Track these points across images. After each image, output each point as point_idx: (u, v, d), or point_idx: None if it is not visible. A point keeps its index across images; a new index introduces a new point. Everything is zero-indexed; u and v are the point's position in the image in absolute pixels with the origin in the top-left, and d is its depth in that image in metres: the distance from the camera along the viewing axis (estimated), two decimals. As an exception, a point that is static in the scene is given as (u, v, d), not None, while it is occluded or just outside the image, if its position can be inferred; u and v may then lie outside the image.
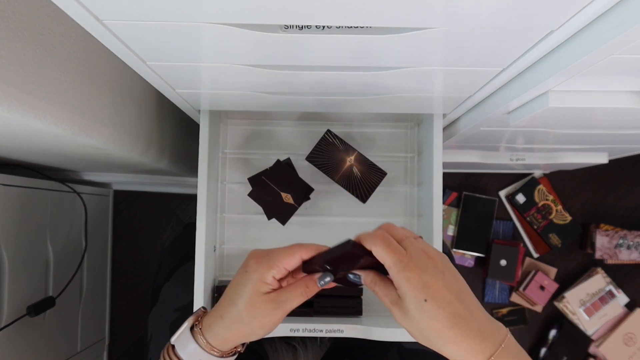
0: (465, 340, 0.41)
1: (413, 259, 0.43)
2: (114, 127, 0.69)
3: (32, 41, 0.50)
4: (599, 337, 1.44)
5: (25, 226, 0.87)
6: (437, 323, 0.42)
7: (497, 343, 0.42)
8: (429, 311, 0.42)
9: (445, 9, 0.35)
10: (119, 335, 1.39)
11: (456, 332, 0.41)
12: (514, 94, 0.56)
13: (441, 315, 0.42)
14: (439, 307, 0.42)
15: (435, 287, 0.43)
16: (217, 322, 0.49)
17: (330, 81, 0.53)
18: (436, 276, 0.43)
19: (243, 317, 0.47)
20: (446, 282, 0.43)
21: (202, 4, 0.35)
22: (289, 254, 0.47)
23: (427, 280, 0.43)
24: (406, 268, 0.43)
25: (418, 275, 0.43)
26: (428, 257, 0.44)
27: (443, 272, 0.44)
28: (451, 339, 0.42)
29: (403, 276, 0.43)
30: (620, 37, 0.37)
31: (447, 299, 0.42)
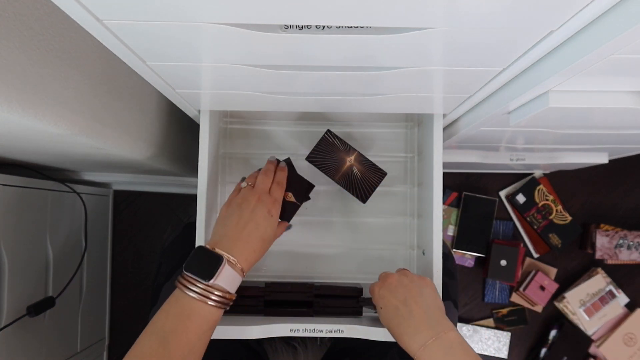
0: (404, 335, 0.57)
1: (382, 277, 0.64)
2: (113, 127, 0.69)
3: (32, 41, 0.50)
4: (599, 337, 1.44)
5: (25, 226, 0.87)
6: (387, 322, 0.60)
7: (430, 337, 0.55)
8: (382, 314, 0.60)
9: (446, 9, 0.35)
10: (119, 335, 1.39)
11: (400, 329, 0.58)
12: (514, 94, 0.56)
13: (388, 317, 0.59)
14: (387, 313, 0.60)
15: (385, 298, 0.60)
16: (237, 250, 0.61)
17: (330, 81, 0.53)
18: (389, 292, 0.60)
19: (259, 222, 0.63)
20: (396, 294, 0.60)
21: (202, 4, 0.35)
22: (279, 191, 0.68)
23: (383, 294, 0.61)
24: (376, 284, 0.64)
25: (378, 289, 0.62)
26: (390, 278, 0.62)
27: (395, 288, 0.61)
28: (395, 334, 0.59)
29: (370, 290, 0.65)
30: (620, 37, 0.37)
31: (394, 305, 0.59)
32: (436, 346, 0.54)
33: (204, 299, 0.54)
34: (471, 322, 1.48)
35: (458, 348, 0.54)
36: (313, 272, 0.80)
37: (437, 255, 0.68)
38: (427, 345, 0.54)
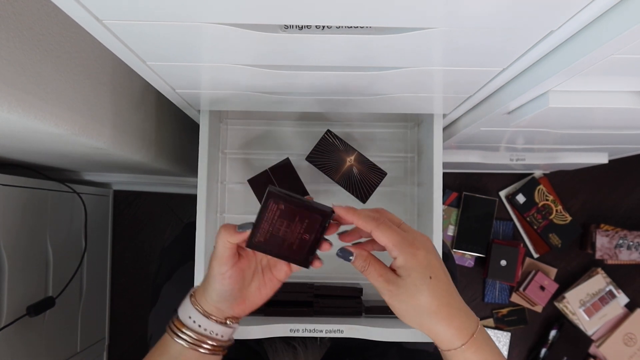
0: (455, 318, 0.45)
1: (416, 239, 0.46)
2: (113, 127, 0.69)
3: (32, 41, 0.50)
4: (599, 337, 1.44)
5: (25, 226, 0.87)
6: (436, 300, 0.44)
7: (476, 323, 0.46)
8: (432, 288, 0.44)
9: (446, 9, 0.35)
10: (119, 335, 1.39)
11: (449, 310, 0.45)
12: (514, 94, 0.56)
13: (441, 292, 0.44)
14: (440, 285, 0.45)
15: (436, 266, 0.46)
16: (202, 286, 0.51)
17: (330, 81, 0.53)
18: (436, 257, 0.46)
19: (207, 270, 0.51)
20: (441, 263, 0.47)
21: (202, 4, 0.35)
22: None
23: (431, 259, 0.45)
24: (413, 245, 0.45)
25: (424, 253, 0.45)
26: (426, 239, 0.47)
27: (437, 254, 0.47)
28: (444, 317, 0.44)
29: (410, 252, 0.45)
30: (620, 37, 0.37)
31: (445, 278, 0.46)
32: (484, 333, 0.45)
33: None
34: (471, 322, 1.48)
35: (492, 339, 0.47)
36: (313, 272, 0.80)
37: (437, 255, 0.68)
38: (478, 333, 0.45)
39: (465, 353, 0.44)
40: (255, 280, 0.52)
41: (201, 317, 0.50)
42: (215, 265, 0.49)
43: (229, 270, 0.49)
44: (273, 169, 0.74)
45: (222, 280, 0.49)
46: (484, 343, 0.45)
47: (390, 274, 0.46)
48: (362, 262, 0.48)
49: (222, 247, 0.48)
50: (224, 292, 0.49)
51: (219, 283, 0.49)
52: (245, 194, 0.79)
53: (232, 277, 0.49)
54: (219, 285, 0.49)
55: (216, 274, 0.49)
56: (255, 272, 0.52)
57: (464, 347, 0.44)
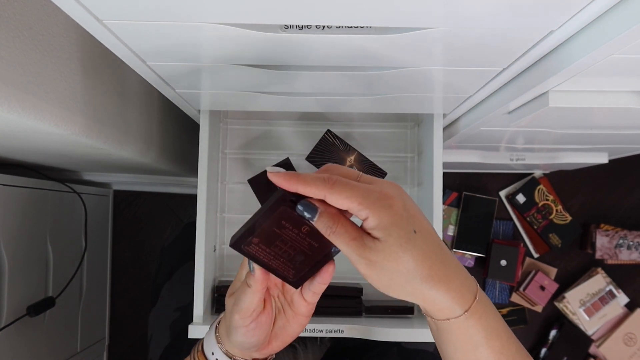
0: (455, 278, 0.35)
1: (385, 188, 0.35)
2: (113, 127, 0.69)
3: (32, 41, 0.50)
4: (599, 337, 1.44)
5: (25, 226, 0.87)
6: (427, 260, 0.35)
7: (474, 281, 0.38)
8: (420, 245, 0.34)
9: (446, 9, 0.35)
10: (119, 335, 1.39)
11: (445, 269, 0.35)
12: (514, 94, 0.56)
13: (431, 249, 0.35)
14: (429, 239, 0.35)
15: (418, 217, 0.36)
16: (224, 326, 0.48)
17: (330, 81, 0.53)
18: (414, 205, 0.36)
19: (226, 314, 0.47)
20: (422, 213, 0.37)
21: (202, 4, 0.35)
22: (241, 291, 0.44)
23: (410, 209, 0.35)
24: (384, 197, 0.35)
25: (401, 203, 0.35)
26: (395, 186, 0.36)
27: (414, 202, 0.37)
28: (440, 278, 0.35)
29: (383, 206, 0.34)
30: (620, 37, 0.37)
31: (432, 230, 0.36)
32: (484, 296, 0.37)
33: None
34: (471, 322, 1.47)
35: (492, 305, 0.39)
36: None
37: (437, 255, 0.68)
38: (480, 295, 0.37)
39: (469, 321, 0.36)
40: (279, 319, 0.47)
41: (224, 357, 0.47)
42: (238, 319, 0.43)
43: (253, 322, 0.44)
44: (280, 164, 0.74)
45: (245, 332, 0.44)
46: (488, 307, 0.37)
47: (366, 237, 0.35)
48: (328, 220, 0.36)
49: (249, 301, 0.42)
50: (248, 343, 0.45)
51: (243, 335, 0.44)
52: (245, 194, 0.79)
53: (257, 329, 0.44)
54: (241, 337, 0.44)
55: (239, 326, 0.44)
56: (278, 311, 0.47)
57: (467, 314, 0.36)
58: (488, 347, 0.37)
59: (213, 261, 0.74)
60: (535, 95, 0.56)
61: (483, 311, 0.37)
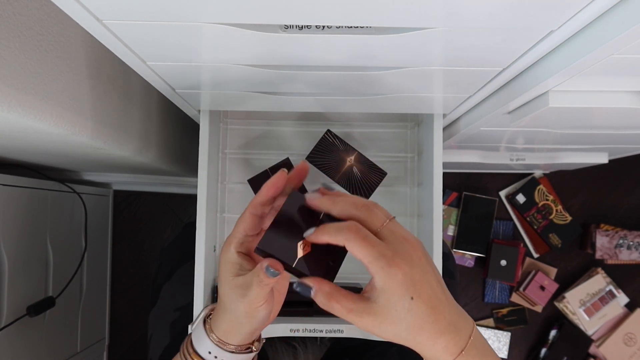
0: (443, 335, 0.39)
1: (397, 252, 0.39)
2: (113, 127, 0.69)
3: (32, 41, 0.50)
4: (599, 337, 1.44)
5: (25, 226, 0.87)
6: (419, 320, 0.38)
7: (467, 335, 0.40)
8: (415, 309, 0.38)
9: (445, 9, 0.35)
10: (119, 335, 1.39)
11: (436, 327, 0.39)
12: (514, 94, 0.56)
13: (425, 312, 0.38)
14: (425, 304, 0.38)
15: (421, 281, 0.39)
16: (218, 314, 0.47)
17: (330, 81, 0.53)
18: (421, 269, 0.39)
19: (227, 305, 0.45)
20: (429, 274, 0.40)
21: (202, 4, 0.35)
22: (240, 219, 0.44)
23: (414, 275, 0.38)
24: (391, 262, 0.38)
25: (405, 271, 0.38)
26: (411, 247, 0.40)
27: (425, 264, 0.40)
28: (430, 335, 0.39)
29: (387, 273, 0.38)
30: (620, 37, 0.37)
31: (431, 292, 0.39)
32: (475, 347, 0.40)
33: None
34: (471, 322, 1.48)
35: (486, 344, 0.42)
36: (313, 272, 0.80)
37: (437, 255, 0.68)
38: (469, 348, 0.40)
39: None
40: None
41: (230, 355, 0.47)
42: (248, 310, 0.44)
43: (265, 304, 0.45)
44: (273, 169, 0.74)
45: (258, 312, 0.45)
46: (478, 356, 0.40)
47: (360, 303, 0.40)
48: (322, 299, 0.41)
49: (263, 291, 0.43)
50: (256, 329, 0.47)
51: (254, 317, 0.45)
52: (245, 194, 0.79)
53: (268, 304, 0.45)
54: (250, 326, 0.46)
55: (252, 310, 0.44)
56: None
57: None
58: None
59: (213, 261, 0.74)
60: (535, 95, 0.56)
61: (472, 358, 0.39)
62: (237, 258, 0.44)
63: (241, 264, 0.45)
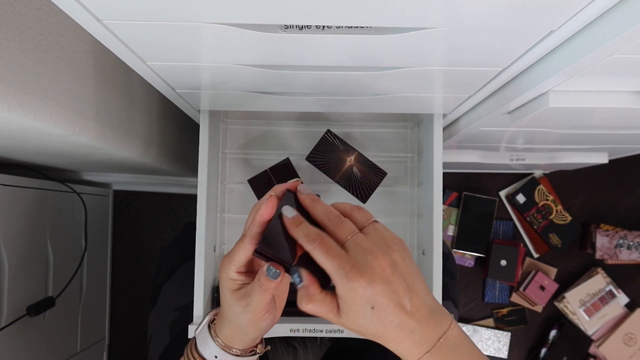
0: (405, 339, 0.41)
1: (357, 265, 0.40)
2: (113, 127, 0.69)
3: (32, 41, 0.50)
4: (599, 337, 1.44)
5: (25, 226, 0.87)
6: (380, 327, 0.41)
7: (437, 337, 0.41)
8: (376, 318, 0.41)
9: (446, 9, 0.35)
10: (119, 335, 1.39)
11: (398, 332, 0.41)
12: (514, 94, 0.56)
13: (386, 319, 0.41)
14: (386, 313, 0.40)
15: (382, 292, 0.40)
16: (221, 320, 0.49)
17: (330, 81, 0.53)
18: (383, 279, 0.40)
19: (230, 316, 0.47)
20: (393, 283, 0.41)
21: (202, 4, 0.35)
22: (239, 245, 0.45)
23: (373, 287, 0.40)
24: (350, 274, 0.40)
25: (363, 284, 0.40)
26: (373, 258, 0.41)
27: (389, 272, 0.41)
28: (392, 339, 0.41)
29: (347, 287, 0.40)
30: (620, 37, 0.37)
31: (395, 302, 0.41)
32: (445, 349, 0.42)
33: None
34: (471, 322, 1.48)
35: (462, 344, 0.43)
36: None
37: (437, 255, 0.68)
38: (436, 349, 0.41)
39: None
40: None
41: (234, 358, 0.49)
42: (251, 320, 0.46)
43: (269, 311, 0.47)
44: (273, 169, 0.74)
45: (262, 322, 0.47)
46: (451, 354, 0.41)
47: (331, 311, 0.43)
48: (304, 295, 0.43)
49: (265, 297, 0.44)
50: (260, 336, 0.49)
51: (258, 327, 0.47)
52: (245, 194, 0.79)
53: (271, 313, 0.47)
54: (254, 334, 0.48)
55: (256, 320, 0.46)
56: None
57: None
58: None
59: (213, 261, 0.74)
60: (535, 95, 0.57)
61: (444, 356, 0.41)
62: (237, 276, 0.46)
63: (243, 280, 0.47)
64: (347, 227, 0.43)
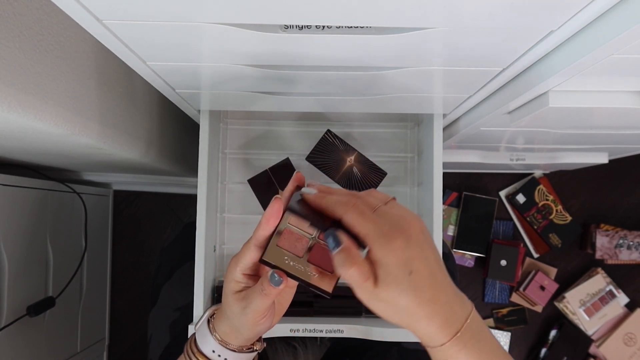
0: (438, 315, 0.39)
1: (394, 227, 0.39)
2: (114, 128, 0.69)
3: (32, 41, 0.50)
4: (599, 337, 1.44)
5: (25, 226, 0.87)
6: (416, 298, 0.38)
7: (464, 318, 0.40)
8: (412, 285, 0.38)
9: (446, 9, 0.35)
10: (119, 335, 1.39)
11: (432, 307, 0.39)
12: (514, 94, 0.56)
13: (423, 288, 0.38)
14: (423, 280, 0.38)
15: (418, 257, 0.39)
16: (220, 317, 0.50)
17: (330, 81, 0.53)
18: (419, 245, 0.39)
19: (229, 315, 0.48)
20: (427, 250, 0.40)
21: (202, 4, 0.35)
22: (246, 247, 0.46)
23: (411, 250, 0.39)
24: (387, 237, 0.39)
25: (403, 245, 0.38)
26: (407, 223, 0.40)
27: (423, 240, 0.40)
28: (426, 315, 0.39)
29: (386, 248, 0.38)
30: (620, 37, 0.37)
31: (429, 269, 0.39)
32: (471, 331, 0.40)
33: None
34: (471, 322, 1.47)
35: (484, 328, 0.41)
36: (313, 272, 0.80)
37: (437, 255, 0.68)
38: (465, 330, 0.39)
39: (448, 351, 0.39)
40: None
41: (232, 354, 0.50)
42: (248, 323, 0.46)
43: (267, 317, 0.47)
44: (273, 169, 0.74)
45: (258, 326, 0.47)
46: (473, 340, 0.39)
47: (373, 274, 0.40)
48: (344, 259, 0.40)
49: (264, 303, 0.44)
50: (255, 337, 0.50)
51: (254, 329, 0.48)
52: (245, 194, 0.79)
53: (267, 320, 0.47)
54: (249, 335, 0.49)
55: (252, 324, 0.47)
56: None
57: (447, 345, 0.39)
58: None
59: (213, 261, 0.74)
60: (535, 95, 0.56)
61: (465, 344, 0.39)
62: (242, 278, 0.47)
63: (246, 282, 0.47)
64: (372, 199, 0.42)
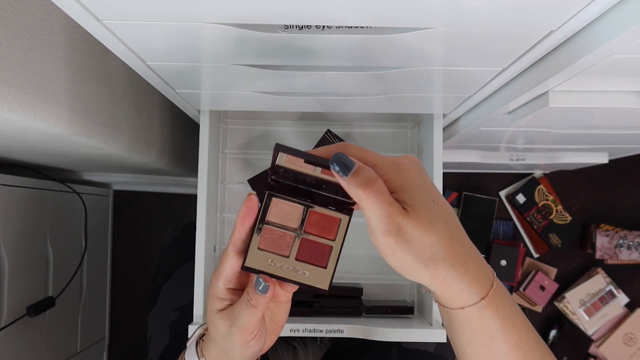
0: (472, 260, 0.33)
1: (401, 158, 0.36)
2: (114, 128, 0.69)
3: (32, 41, 0.50)
4: (599, 337, 1.44)
5: (25, 226, 0.87)
6: (448, 234, 0.33)
7: (491, 270, 0.36)
8: (442, 216, 0.33)
9: (446, 9, 0.35)
10: (119, 335, 1.39)
11: (463, 249, 0.33)
12: (514, 94, 0.56)
13: (449, 222, 0.33)
14: (446, 211, 0.33)
15: (435, 188, 0.35)
16: (209, 339, 0.44)
17: (330, 81, 0.53)
18: (429, 178, 0.36)
19: (215, 337, 0.41)
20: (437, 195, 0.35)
21: (202, 4, 0.35)
22: (224, 257, 0.40)
23: (425, 179, 0.34)
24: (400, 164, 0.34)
25: (417, 173, 0.34)
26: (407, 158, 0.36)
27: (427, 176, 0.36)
28: (460, 257, 0.33)
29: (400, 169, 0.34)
30: (620, 37, 0.37)
31: (448, 204, 0.34)
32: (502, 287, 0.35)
33: None
34: (471, 322, 1.48)
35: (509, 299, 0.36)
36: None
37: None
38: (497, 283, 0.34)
39: (485, 310, 0.33)
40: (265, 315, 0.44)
41: None
42: (236, 345, 0.40)
43: (256, 336, 0.41)
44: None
45: (247, 349, 0.41)
46: (505, 296, 0.34)
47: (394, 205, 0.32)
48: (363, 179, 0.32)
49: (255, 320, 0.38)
50: (250, 357, 0.42)
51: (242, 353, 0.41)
52: (245, 194, 0.79)
53: (258, 341, 0.41)
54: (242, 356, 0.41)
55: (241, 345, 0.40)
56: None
57: (484, 303, 0.33)
58: (504, 340, 0.34)
59: (213, 261, 0.74)
60: (535, 95, 0.56)
61: (500, 301, 0.34)
62: (226, 293, 0.41)
63: (231, 299, 0.41)
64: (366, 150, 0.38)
